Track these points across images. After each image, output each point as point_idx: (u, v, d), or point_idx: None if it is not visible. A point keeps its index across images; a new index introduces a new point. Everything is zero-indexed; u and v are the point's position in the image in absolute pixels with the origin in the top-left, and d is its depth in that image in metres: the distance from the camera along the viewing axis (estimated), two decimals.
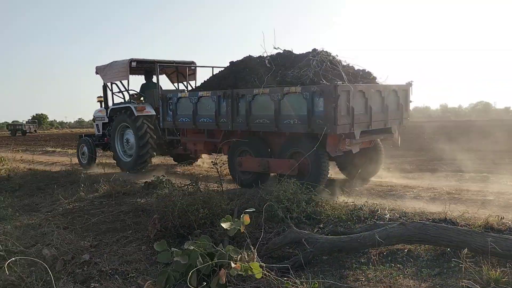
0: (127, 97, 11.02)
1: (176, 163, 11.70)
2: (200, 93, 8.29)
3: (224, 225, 3.44)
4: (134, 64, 10.23)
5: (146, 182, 8.28)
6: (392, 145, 8.23)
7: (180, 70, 11.31)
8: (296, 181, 5.78)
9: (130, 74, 10.52)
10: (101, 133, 11.84)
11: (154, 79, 10.76)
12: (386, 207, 5.35)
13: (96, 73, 11.19)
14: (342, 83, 6.42)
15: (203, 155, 10.52)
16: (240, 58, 8.40)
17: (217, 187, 6.59)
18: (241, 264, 3.13)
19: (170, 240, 5.00)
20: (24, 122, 52.60)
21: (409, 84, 7.94)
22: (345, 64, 7.50)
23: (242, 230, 3.41)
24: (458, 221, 4.70)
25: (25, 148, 22.20)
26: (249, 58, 8.28)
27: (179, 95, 8.91)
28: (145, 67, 10.87)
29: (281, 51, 7.94)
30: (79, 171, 10.64)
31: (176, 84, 11.61)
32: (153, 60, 10.41)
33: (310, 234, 4.29)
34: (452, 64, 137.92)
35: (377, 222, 4.52)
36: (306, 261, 3.98)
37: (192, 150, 9.41)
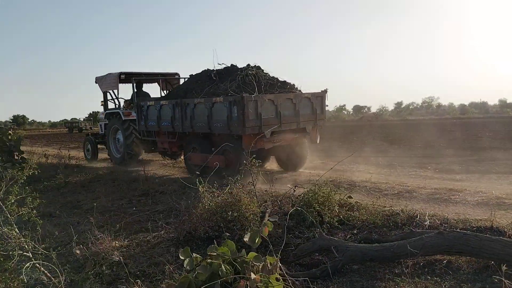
0: (122, 103, 12.86)
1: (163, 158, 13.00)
2: (162, 102, 10.13)
3: (246, 238, 3.30)
4: (123, 76, 12.01)
5: (182, 182, 8.30)
6: (310, 142, 9.70)
7: (168, 80, 12.98)
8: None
9: (123, 83, 12.40)
10: (103, 132, 13.68)
11: (144, 88, 12.90)
12: (426, 213, 4.99)
13: (96, 82, 12.83)
14: (250, 94, 8.00)
15: None
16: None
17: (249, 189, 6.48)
18: (260, 276, 2.98)
19: (199, 242, 4.95)
20: (81, 120, 55.52)
21: (324, 92, 9.46)
22: (272, 77, 9.17)
23: (259, 241, 3.26)
24: (506, 230, 4.30)
25: (77, 145, 23.16)
26: (204, 72, 9.98)
27: (148, 103, 10.65)
28: (135, 78, 12.08)
29: (227, 66, 9.61)
30: (121, 169, 10.91)
31: (165, 91, 12.90)
32: (139, 72, 12.30)
33: (340, 241, 4.07)
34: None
35: (413, 230, 4.21)
36: (334, 270, 3.77)
37: (161, 149, 11.32)
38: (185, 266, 3.54)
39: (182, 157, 11.10)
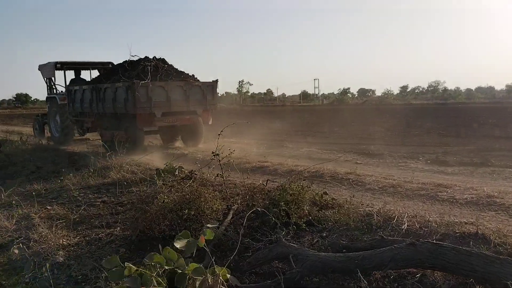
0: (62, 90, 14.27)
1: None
2: (84, 87, 11.99)
3: (178, 245, 2.79)
4: (59, 65, 13.74)
5: (157, 169, 7.81)
6: (203, 123, 11.38)
7: (104, 68, 14.02)
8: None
9: (61, 70, 14.18)
10: None
11: (82, 76, 14.58)
12: (405, 214, 4.48)
13: (38, 69, 14.40)
14: (141, 81, 9.72)
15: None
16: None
17: (216, 181, 5.99)
18: None
19: (154, 243, 4.48)
20: None
21: (215, 82, 11.32)
22: (172, 68, 11.16)
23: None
24: (492, 238, 3.79)
25: None
26: (123, 62, 11.56)
27: (75, 88, 12.47)
28: (74, 67, 14.18)
29: (140, 58, 11.22)
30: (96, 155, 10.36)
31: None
32: (74, 61, 14.11)
33: (300, 249, 3.57)
34: None
35: (385, 237, 3.70)
36: (291, 283, 3.28)
37: (86, 129, 12.98)
38: (111, 278, 3.07)
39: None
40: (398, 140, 12.63)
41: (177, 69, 11.31)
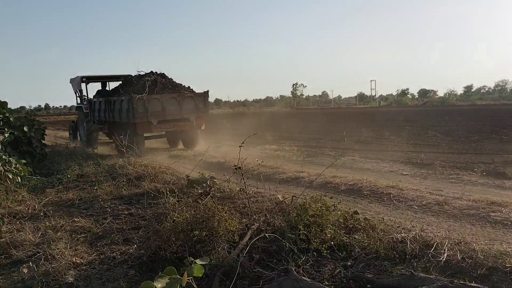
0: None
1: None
2: (100, 99, 14.05)
3: (158, 284, 2.45)
4: (84, 79, 15.79)
5: (189, 179, 7.60)
6: (197, 128, 13.02)
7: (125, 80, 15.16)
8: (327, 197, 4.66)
9: (91, 82, 16.32)
10: None
11: (107, 87, 16.25)
12: (447, 241, 3.85)
13: (70, 82, 16.68)
14: (138, 95, 11.48)
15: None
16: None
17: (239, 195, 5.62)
18: None
19: (166, 265, 4.19)
20: None
21: (206, 92, 12.84)
22: (170, 81, 12.80)
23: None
24: None
25: None
26: (134, 76, 13.53)
27: (94, 99, 14.87)
28: (91, 80, 16.16)
29: (146, 72, 13.14)
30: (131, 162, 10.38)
31: None
32: (97, 76, 16.11)
33: (313, 285, 3.11)
34: None
35: (414, 273, 3.13)
36: None
37: (105, 134, 15.22)
38: None
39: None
40: (454, 147, 11.59)
41: (174, 82, 12.99)
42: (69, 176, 9.17)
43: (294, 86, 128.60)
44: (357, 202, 5.88)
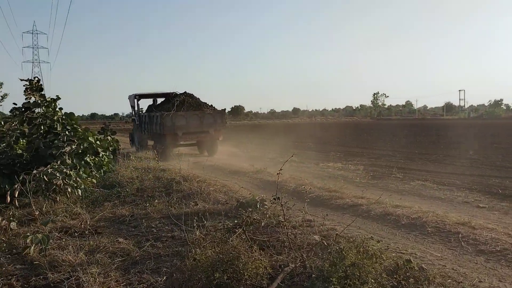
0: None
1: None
2: (144, 113, 17.67)
3: None
4: (137, 97, 18.78)
5: (238, 202, 7.28)
6: (215, 139, 15.99)
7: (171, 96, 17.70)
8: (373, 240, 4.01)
9: (144, 98, 19.21)
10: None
11: (157, 103, 18.33)
12: None
13: (128, 98, 19.45)
14: (167, 113, 14.76)
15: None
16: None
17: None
18: None
19: None
20: None
21: (223, 110, 16.16)
22: (196, 100, 16.12)
23: None
24: None
25: None
26: (171, 94, 17.05)
27: (141, 114, 18.35)
28: (141, 96, 19.05)
29: (181, 92, 16.75)
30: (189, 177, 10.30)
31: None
32: (147, 93, 18.86)
33: None
34: None
35: None
36: None
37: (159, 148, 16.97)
38: None
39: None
40: None
41: (199, 101, 16.19)
42: (128, 190, 9.31)
43: (375, 95, 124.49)
44: (417, 241, 5.11)
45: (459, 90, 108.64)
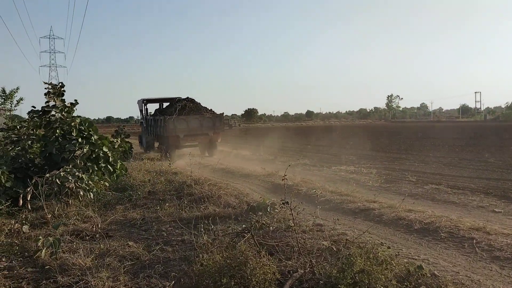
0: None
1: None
2: (149, 117, 19.20)
3: None
4: (145, 101, 20.15)
5: (249, 205, 7.25)
6: (215, 141, 17.58)
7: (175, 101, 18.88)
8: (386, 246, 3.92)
9: (152, 103, 20.52)
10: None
11: (163, 107, 19.58)
12: None
13: (137, 103, 20.75)
14: (169, 117, 16.14)
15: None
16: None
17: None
18: None
19: None
20: (229, 117, 59.98)
21: (221, 114, 17.65)
22: (197, 104, 17.56)
23: None
24: None
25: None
26: (175, 99, 18.10)
27: (147, 117, 19.68)
28: (148, 101, 20.38)
29: (183, 98, 17.99)
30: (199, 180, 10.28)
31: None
32: (153, 98, 20.07)
33: None
34: None
35: None
36: None
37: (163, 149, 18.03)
38: None
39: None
40: None
41: (200, 105, 17.59)
42: (139, 193, 9.34)
43: (389, 98, 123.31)
44: (430, 247, 5.00)
45: (475, 92, 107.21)
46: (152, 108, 21.30)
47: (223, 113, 17.59)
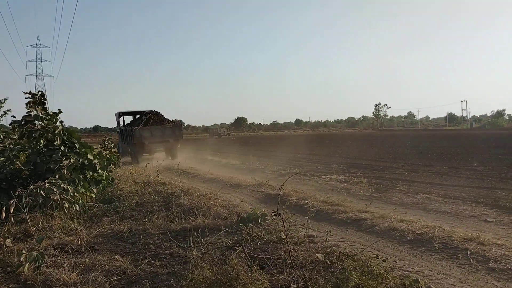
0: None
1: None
2: (123, 128, 22.81)
3: None
4: (121, 114, 23.14)
5: (239, 216, 7.11)
6: (176, 146, 21.22)
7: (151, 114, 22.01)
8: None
9: (127, 115, 23.58)
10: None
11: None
12: None
13: (114, 115, 23.56)
14: (137, 127, 19.92)
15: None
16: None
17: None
18: None
19: None
20: (219, 126, 60.00)
21: (180, 121, 22.36)
22: (160, 117, 21.23)
23: None
24: None
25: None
26: (144, 112, 21.77)
27: (121, 128, 23.14)
28: (124, 114, 23.51)
29: (152, 110, 21.64)
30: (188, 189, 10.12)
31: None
32: (129, 111, 23.18)
33: None
34: None
35: None
36: None
37: (130, 152, 22.23)
38: None
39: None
40: None
41: (163, 117, 21.15)
42: (126, 204, 9.13)
43: (377, 106, 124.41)
44: (424, 258, 4.92)
45: (462, 101, 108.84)
46: (128, 119, 24.63)
47: (181, 122, 22.11)
